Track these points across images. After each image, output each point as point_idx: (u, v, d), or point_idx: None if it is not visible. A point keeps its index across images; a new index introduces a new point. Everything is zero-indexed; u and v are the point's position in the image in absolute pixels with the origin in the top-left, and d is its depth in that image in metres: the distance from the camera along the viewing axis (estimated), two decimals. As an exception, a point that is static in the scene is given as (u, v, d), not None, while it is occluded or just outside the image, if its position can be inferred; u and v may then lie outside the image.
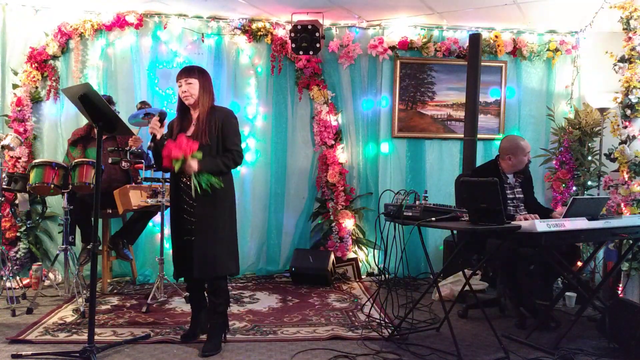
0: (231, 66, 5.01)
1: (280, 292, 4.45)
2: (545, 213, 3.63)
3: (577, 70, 5.19)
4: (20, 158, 4.61)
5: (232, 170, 3.09)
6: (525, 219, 3.38)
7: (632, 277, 3.89)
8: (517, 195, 3.78)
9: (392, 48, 5.06)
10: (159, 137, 3.04)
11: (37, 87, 4.75)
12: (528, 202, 3.81)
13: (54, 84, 4.76)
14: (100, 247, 4.24)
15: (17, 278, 4.28)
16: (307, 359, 2.98)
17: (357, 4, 4.62)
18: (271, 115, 5.08)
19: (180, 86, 3.02)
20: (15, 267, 4.46)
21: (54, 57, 4.78)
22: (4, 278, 3.93)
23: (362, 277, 5.00)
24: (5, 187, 3.97)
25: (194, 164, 2.87)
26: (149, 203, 3.92)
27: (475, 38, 4.52)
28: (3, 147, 3.87)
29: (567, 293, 4.11)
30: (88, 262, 4.07)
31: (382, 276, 4.88)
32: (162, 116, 3.08)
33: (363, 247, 5.14)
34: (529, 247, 3.31)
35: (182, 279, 3.19)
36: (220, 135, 3.01)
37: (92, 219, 2.88)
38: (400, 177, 5.20)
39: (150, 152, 4.26)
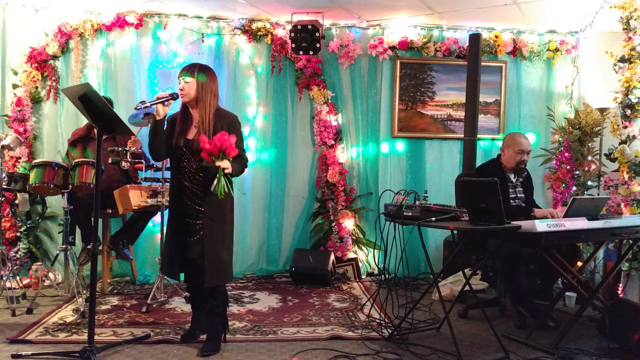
0: (231, 66, 5.01)
1: (280, 292, 4.45)
2: None
3: (577, 70, 5.19)
4: (20, 158, 4.61)
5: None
6: (551, 215, 3.39)
7: (632, 277, 3.89)
8: (519, 195, 3.79)
9: (392, 48, 5.06)
10: (161, 115, 2.93)
11: (37, 87, 4.75)
12: (526, 204, 3.82)
13: (54, 84, 4.77)
14: (100, 247, 4.24)
15: (17, 278, 4.28)
16: (307, 359, 2.98)
17: (357, 4, 4.62)
18: (271, 115, 5.08)
19: (179, 83, 2.98)
20: (15, 267, 4.46)
21: (54, 57, 4.78)
22: (4, 278, 3.93)
23: (362, 277, 5.00)
24: (5, 187, 3.97)
25: (227, 164, 2.81)
26: (149, 203, 3.93)
27: (475, 38, 4.52)
28: (3, 147, 3.87)
29: (567, 293, 4.11)
30: (88, 262, 4.07)
31: (382, 276, 4.89)
32: (173, 96, 2.96)
33: (363, 247, 5.14)
34: (529, 247, 3.31)
35: (182, 278, 3.20)
36: None
37: (92, 219, 2.88)
38: (400, 177, 5.20)
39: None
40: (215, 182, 2.81)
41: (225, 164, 2.78)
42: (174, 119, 3.06)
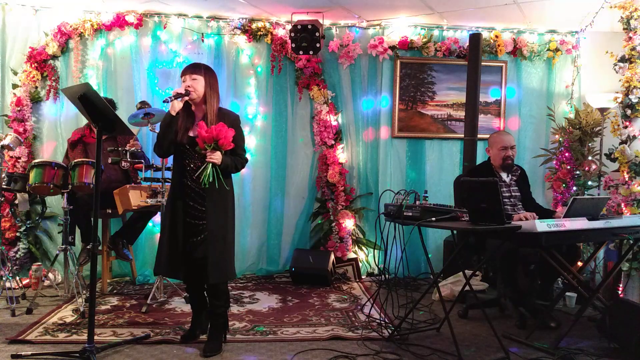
0: (231, 66, 5.01)
1: (280, 292, 4.45)
2: (546, 215, 3.61)
3: (577, 70, 5.19)
4: (20, 158, 4.61)
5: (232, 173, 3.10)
6: (526, 218, 3.38)
7: (632, 277, 3.89)
8: (513, 194, 3.78)
9: (392, 48, 5.06)
10: (176, 110, 2.94)
11: (36, 87, 4.75)
12: (526, 202, 3.81)
13: (54, 84, 4.76)
14: (100, 247, 4.23)
15: (17, 278, 4.28)
16: (307, 359, 2.98)
17: (357, 4, 4.62)
18: (271, 115, 5.08)
19: (184, 81, 2.97)
20: (15, 267, 4.46)
21: (54, 57, 4.78)
22: (4, 278, 3.92)
23: (362, 277, 4.99)
24: (5, 187, 3.96)
25: (218, 155, 2.86)
26: (149, 203, 3.92)
27: (475, 38, 4.52)
28: (3, 147, 3.87)
29: (567, 293, 4.11)
30: (88, 262, 4.07)
31: (382, 276, 4.88)
32: (186, 93, 2.94)
33: (363, 247, 5.14)
34: (529, 247, 3.31)
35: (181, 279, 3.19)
36: None
37: (92, 219, 2.88)
38: (400, 177, 5.20)
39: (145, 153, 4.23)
40: (202, 169, 2.86)
41: (215, 156, 2.84)
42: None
